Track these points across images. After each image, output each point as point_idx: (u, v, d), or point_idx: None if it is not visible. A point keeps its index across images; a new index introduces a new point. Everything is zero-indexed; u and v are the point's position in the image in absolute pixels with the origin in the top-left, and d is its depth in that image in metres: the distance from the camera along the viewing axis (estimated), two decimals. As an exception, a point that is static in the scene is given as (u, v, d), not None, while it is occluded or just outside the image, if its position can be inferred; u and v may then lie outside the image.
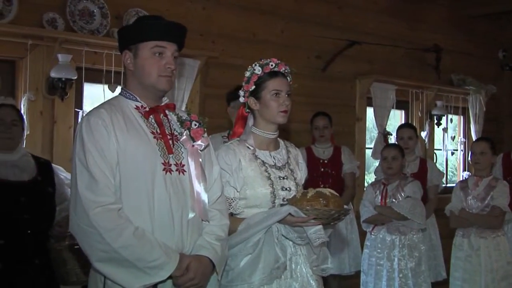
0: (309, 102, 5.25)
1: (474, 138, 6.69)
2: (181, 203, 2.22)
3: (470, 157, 4.51)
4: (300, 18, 5.44)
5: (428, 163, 5.07)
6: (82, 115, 3.96)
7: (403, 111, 6.59)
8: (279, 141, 2.71)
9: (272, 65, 2.58)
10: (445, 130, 6.70)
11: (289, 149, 2.74)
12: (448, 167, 7.12)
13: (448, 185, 6.66)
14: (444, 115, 6.61)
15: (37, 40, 3.86)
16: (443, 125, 6.65)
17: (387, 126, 6.02)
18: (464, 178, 5.97)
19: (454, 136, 7.08)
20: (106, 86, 4.09)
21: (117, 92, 3.51)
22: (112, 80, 4.07)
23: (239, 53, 4.90)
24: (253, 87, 2.58)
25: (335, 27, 5.68)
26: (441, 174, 5.17)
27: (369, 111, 6.05)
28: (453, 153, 7.07)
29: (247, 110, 2.64)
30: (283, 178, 2.59)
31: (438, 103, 6.50)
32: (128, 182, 2.15)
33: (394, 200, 4.26)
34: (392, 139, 5.73)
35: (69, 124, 4.07)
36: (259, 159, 2.58)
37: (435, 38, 6.59)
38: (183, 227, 2.21)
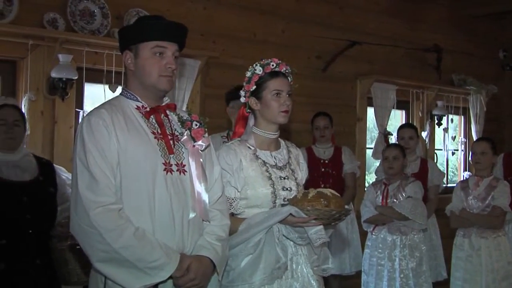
0: (310, 102, 5.25)
1: (475, 138, 6.69)
2: (181, 203, 2.21)
3: (470, 157, 4.51)
4: (300, 18, 5.44)
5: (429, 163, 5.07)
6: (83, 115, 3.97)
7: (403, 111, 6.58)
8: (280, 141, 2.71)
9: (273, 65, 2.58)
10: (445, 130, 6.70)
11: (290, 149, 2.73)
12: (448, 167, 7.12)
13: (449, 185, 6.66)
14: (444, 115, 6.61)
15: (38, 40, 3.86)
16: (443, 125, 6.64)
17: (387, 126, 6.02)
18: (464, 178, 5.97)
19: (455, 136, 7.07)
20: (106, 86, 4.09)
21: (117, 92, 3.51)
22: (112, 80, 4.06)
23: (239, 53, 4.89)
24: (254, 87, 2.58)
25: (336, 27, 5.67)
26: (441, 174, 5.16)
27: (370, 111, 6.05)
28: (453, 153, 7.06)
29: (248, 110, 2.64)
30: (284, 178, 2.58)
31: (439, 103, 6.50)
32: (129, 182, 2.15)
33: (395, 200, 4.25)
34: (393, 139, 5.73)
35: (69, 124, 4.07)
36: (260, 159, 2.58)
37: (435, 38, 6.59)
38: (183, 227, 2.21)
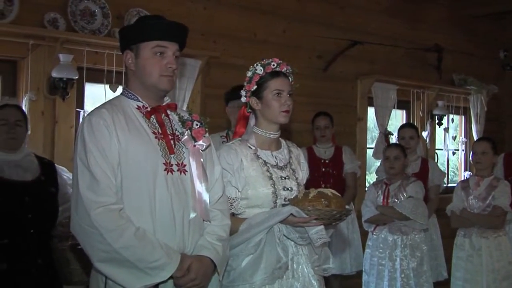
0: (311, 102, 5.24)
1: (475, 138, 6.68)
2: (182, 203, 2.21)
3: (471, 157, 4.51)
4: (301, 18, 5.44)
5: (429, 163, 5.07)
6: (84, 115, 3.98)
7: (404, 111, 6.58)
8: (280, 141, 2.71)
9: (273, 65, 2.58)
10: (446, 130, 6.70)
11: (291, 149, 2.73)
12: (449, 167, 7.12)
13: (449, 185, 6.65)
14: (445, 115, 6.60)
15: (39, 40, 3.86)
16: (444, 125, 6.64)
17: (388, 126, 6.02)
18: (465, 178, 5.96)
19: (455, 136, 7.07)
20: (107, 86, 4.09)
21: (118, 92, 3.51)
22: (113, 80, 4.06)
23: (240, 53, 4.89)
24: (255, 87, 2.58)
25: (337, 27, 5.67)
26: (442, 174, 5.17)
27: (370, 111, 6.05)
28: (454, 153, 7.05)
29: (249, 110, 2.64)
30: (285, 178, 2.58)
31: (439, 103, 6.50)
32: (130, 182, 2.14)
33: (396, 200, 4.25)
34: (393, 139, 5.73)
35: (70, 124, 4.07)
36: (260, 159, 2.58)
37: (436, 38, 6.59)
38: (184, 227, 2.21)
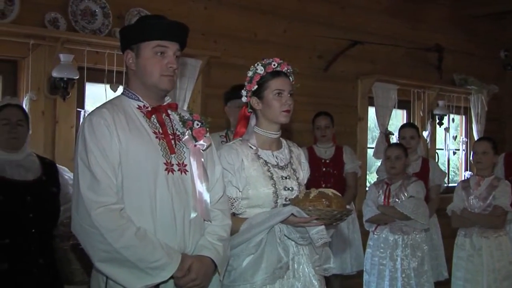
0: (311, 102, 5.24)
1: (476, 137, 6.68)
2: (183, 203, 2.21)
3: (472, 157, 4.51)
4: (302, 18, 5.44)
5: (430, 162, 5.07)
6: (84, 115, 3.98)
7: (405, 111, 6.58)
8: (281, 141, 2.71)
9: (274, 65, 2.58)
10: (447, 129, 6.70)
11: (291, 148, 2.73)
12: (450, 166, 7.12)
13: (450, 184, 6.65)
14: (446, 115, 6.60)
15: (39, 40, 3.86)
16: (445, 124, 6.63)
17: (388, 125, 6.01)
18: (466, 178, 5.96)
19: (456, 136, 7.06)
20: (108, 86, 4.09)
21: (119, 91, 3.51)
22: (114, 80, 4.06)
23: (241, 53, 4.89)
24: (256, 86, 2.57)
25: (338, 27, 5.67)
26: (443, 174, 5.16)
27: (371, 110, 6.05)
28: (455, 153, 7.05)
29: (250, 110, 2.64)
30: (286, 178, 2.58)
31: (440, 102, 6.49)
32: (130, 182, 2.14)
33: (397, 200, 4.25)
34: (394, 139, 5.73)
35: (71, 124, 4.07)
36: (261, 158, 2.57)
37: (436, 38, 6.58)
38: (185, 227, 2.21)
